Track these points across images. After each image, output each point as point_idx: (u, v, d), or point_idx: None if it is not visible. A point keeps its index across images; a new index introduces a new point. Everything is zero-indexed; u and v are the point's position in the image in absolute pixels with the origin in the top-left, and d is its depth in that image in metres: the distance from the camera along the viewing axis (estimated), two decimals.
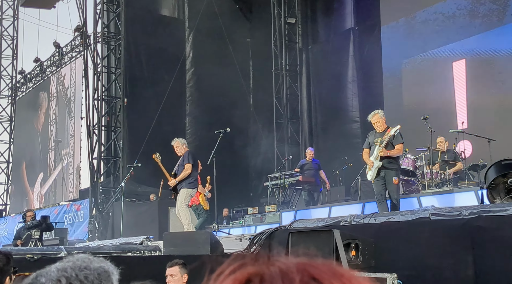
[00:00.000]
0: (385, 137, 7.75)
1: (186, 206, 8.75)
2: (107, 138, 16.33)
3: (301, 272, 0.55)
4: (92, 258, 1.30)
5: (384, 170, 7.70)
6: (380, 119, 7.96)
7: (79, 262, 1.26)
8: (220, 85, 16.95)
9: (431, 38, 13.15)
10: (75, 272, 1.21)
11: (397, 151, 7.76)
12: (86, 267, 1.24)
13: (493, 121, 11.18)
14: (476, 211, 5.34)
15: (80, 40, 18.10)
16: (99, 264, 1.28)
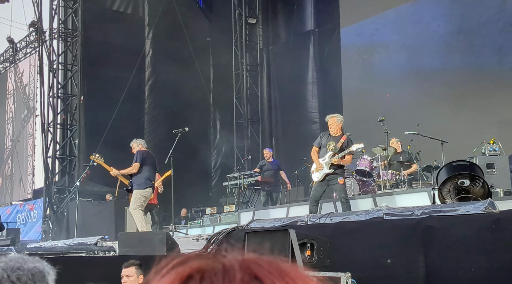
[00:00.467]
0: (339, 145, 7.86)
1: (138, 208, 8.62)
2: (63, 136, 16.00)
3: (243, 269, 0.54)
4: (27, 258, 1.27)
5: (331, 175, 7.86)
6: (336, 123, 8.06)
7: (12, 262, 1.23)
8: (179, 84, 16.84)
9: (388, 40, 13.39)
10: (7, 273, 1.18)
11: (348, 161, 7.99)
12: (19, 267, 1.21)
13: (446, 123, 11.46)
14: (428, 211, 5.47)
15: (35, 36, 17.68)
16: (34, 265, 1.25)
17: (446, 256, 5.03)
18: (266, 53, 18.27)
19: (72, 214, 13.20)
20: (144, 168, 8.76)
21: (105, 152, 14.69)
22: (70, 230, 13.20)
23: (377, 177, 9.91)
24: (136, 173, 8.76)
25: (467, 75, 11.74)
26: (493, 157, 8.74)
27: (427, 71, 12.54)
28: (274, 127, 17.65)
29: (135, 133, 17.05)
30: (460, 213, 5.19)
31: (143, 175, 8.78)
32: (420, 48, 12.69)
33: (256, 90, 17.73)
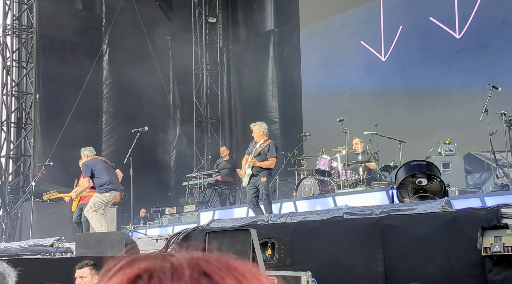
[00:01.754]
0: (258, 148, 8.26)
1: (93, 210, 8.45)
2: (17, 135, 15.57)
3: (192, 266, 0.54)
4: None
5: (254, 177, 8.22)
6: (257, 131, 8.41)
7: None
8: (138, 83, 16.63)
9: (347, 42, 13.56)
10: None
11: (269, 163, 8.25)
12: None
13: (404, 124, 11.69)
14: (387, 210, 5.56)
15: None
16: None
17: (405, 254, 5.12)
18: (226, 52, 18.25)
19: (26, 215, 12.86)
20: (96, 176, 8.56)
21: (62, 152, 14.41)
22: (24, 231, 12.86)
23: (336, 177, 10.02)
24: (94, 183, 8.61)
25: (423, 76, 12.00)
26: (449, 157, 8.97)
27: (385, 71, 12.77)
28: (234, 127, 17.64)
29: (92, 133, 16.83)
30: (418, 212, 5.30)
31: (100, 182, 8.60)
32: (378, 48, 12.89)
33: (216, 89, 17.69)
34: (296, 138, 12.31)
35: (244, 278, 0.54)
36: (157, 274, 0.53)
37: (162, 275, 0.53)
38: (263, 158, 8.22)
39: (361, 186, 9.40)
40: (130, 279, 0.53)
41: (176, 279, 0.52)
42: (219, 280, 0.53)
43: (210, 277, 0.53)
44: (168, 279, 0.52)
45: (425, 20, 12.00)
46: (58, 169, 12.86)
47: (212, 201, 13.23)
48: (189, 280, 0.52)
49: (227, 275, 0.54)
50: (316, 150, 10.71)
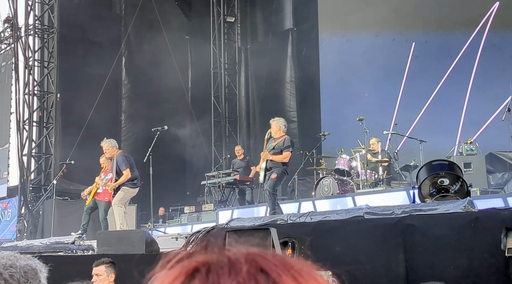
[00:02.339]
0: (274, 144, 8.18)
1: (121, 204, 8.55)
2: (39, 134, 15.75)
3: (249, 262, 0.54)
4: (19, 256, 1.24)
5: (268, 172, 8.16)
6: (274, 126, 8.35)
7: (4, 260, 1.19)
8: (157, 82, 16.72)
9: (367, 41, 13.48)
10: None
11: (282, 157, 8.13)
12: (11, 265, 1.18)
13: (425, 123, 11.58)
14: (408, 210, 5.51)
15: (10, 32, 17.37)
16: (26, 262, 1.22)
17: (426, 254, 5.07)
18: (244, 51, 18.26)
19: (48, 213, 13.02)
20: (131, 171, 8.69)
21: (82, 150, 14.54)
22: (46, 229, 13.01)
23: (355, 176, 9.97)
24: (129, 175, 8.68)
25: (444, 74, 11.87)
26: (470, 157, 8.86)
27: (406, 71, 12.65)
28: (252, 126, 17.64)
29: (112, 132, 16.93)
30: (440, 212, 5.24)
31: (134, 176, 8.72)
32: (398, 47, 12.79)
33: (234, 88, 17.70)
34: (314, 137, 12.28)
35: (300, 276, 0.55)
36: (215, 268, 0.54)
37: (220, 269, 0.53)
38: (277, 152, 8.12)
39: (381, 185, 9.34)
40: (188, 271, 0.54)
41: (234, 274, 0.53)
42: (276, 277, 0.53)
43: (267, 274, 0.53)
44: (225, 274, 0.53)
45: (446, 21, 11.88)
46: (79, 167, 12.96)
47: (231, 200, 13.24)
48: (246, 276, 0.53)
49: (284, 272, 0.54)
50: (335, 150, 10.67)
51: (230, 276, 0.53)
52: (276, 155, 8.11)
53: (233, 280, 0.52)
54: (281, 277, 0.53)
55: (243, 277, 0.53)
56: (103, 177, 9.92)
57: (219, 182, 12.90)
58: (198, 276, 0.53)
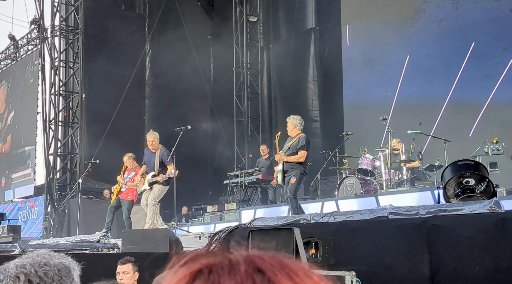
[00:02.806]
0: (289, 144, 8.00)
1: (156, 203, 8.67)
2: (64, 134, 15.99)
3: (247, 263, 0.59)
4: (53, 254, 1.27)
5: (286, 174, 7.95)
6: (289, 125, 8.15)
7: (39, 258, 1.22)
8: (180, 82, 16.82)
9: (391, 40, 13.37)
10: (34, 268, 1.17)
11: (296, 157, 7.89)
12: (46, 263, 1.20)
13: (449, 122, 11.45)
14: (433, 210, 5.45)
15: (36, 33, 17.65)
16: (60, 260, 1.24)
17: (451, 256, 5.01)
18: (267, 51, 18.25)
19: (73, 211, 13.20)
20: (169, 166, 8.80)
21: (106, 150, 14.71)
22: (71, 227, 13.20)
23: (379, 176, 9.91)
24: (165, 170, 8.77)
25: (470, 73, 11.73)
26: (496, 156, 8.74)
27: (430, 69, 12.53)
28: (274, 125, 17.62)
29: (136, 131, 17.11)
30: (465, 212, 5.18)
31: (170, 173, 8.83)
32: (422, 46, 12.67)
33: (256, 88, 17.71)
34: (337, 137, 12.22)
35: (296, 275, 0.59)
36: (216, 269, 0.59)
37: (220, 270, 0.59)
38: (292, 153, 7.90)
39: (405, 185, 9.26)
40: (192, 273, 0.59)
41: (233, 274, 0.58)
42: (272, 275, 0.58)
43: (263, 273, 0.58)
44: (225, 274, 0.58)
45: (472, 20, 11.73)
46: (103, 166, 13.11)
47: (253, 200, 13.27)
48: (244, 275, 0.58)
49: (280, 271, 0.59)
50: (358, 149, 10.61)
51: (229, 276, 0.58)
52: (291, 156, 7.88)
53: (231, 279, 0.57)
54: (276, 276, 0.58)
55: (241, 276, 0.57)
56: (125, 176, 10.03)
57: (242, 182, 12.93)
58: (201, 277, 0.58)
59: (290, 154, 7.91)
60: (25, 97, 19.02)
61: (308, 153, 8.09)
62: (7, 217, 13.93)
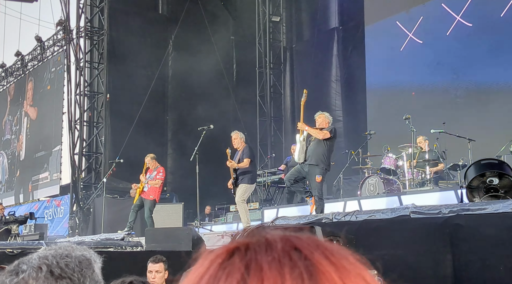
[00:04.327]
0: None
1: (244, 201, 8.77)
2: (89, 134, 16.21)
3: (284, 241, 0.60)
4: (75, 247, 1.31)
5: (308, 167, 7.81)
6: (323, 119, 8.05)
7: (61, 250, 1.26)
8: (203, 82, 16.92)
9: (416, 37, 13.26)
10: (56, 259, 1.21)
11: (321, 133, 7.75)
12: (67, 255, 1.24)
13: (473, 121, 11.31)
14: (456, 210, 5.41)
15: (62, 35, 17.93)
16: (81, 252, 1.28)
17: (475, 255, 4.97)
18: (290, 51, 18.25)
19: (98, 210, 13.37)
20: (252, 163, 8.89)
21: (130, 149, 14.88)
22: (96, 226, 13.38)
23: (401, 176, 9.84)
24: (246, 168, 8.87)
25: (494, 71, 11.57)
26: None
27: (453, 68, 12.39)
28: None
29: (159, 131, 17.27)
30: (489, 212, 5.13)
31: (254, 170, 8.91)
32: (446, 44, 12.54)
33: (279, 88, 17.72)
34: (360, 136, 12.18)
35: (332, 255, 0.60)
36: (253, 246, 0.60)
37: (257, 247, 0.59)
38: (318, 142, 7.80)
39: (428, 185, 9.18)
40: (229, 250, 0.60)
41: (270, 251, 0.59)
42: (308, 254, 0.59)
43: (300, 251, 0.59)
44: (262, 251, 0.59)
45: (496, 16, 11.57)
46: (128, 166, 13.26)
47: (276, 199, 13.29)
48: (281, 253, 0.58)
49: (316, 250, 0.59)
50: (381, 149, 10.55)
51: (267, 253, 0.58)
52: (312, 128, 7.77)
53: (268, 256, 0.58)
54: (313, 254, 0.59)
55: (278, 253, 0.58)
56: (148, 176, 10.16)
57: (265, 181, 12.96)
58: (238, 253, 0.59)
59: (316, 147, 7.76)
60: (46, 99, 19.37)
61: (333, 142, 7.90)
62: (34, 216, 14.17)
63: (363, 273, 0.62)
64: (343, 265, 0.59)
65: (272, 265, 0.57)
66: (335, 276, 0.58)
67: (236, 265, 0.58)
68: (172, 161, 17.69)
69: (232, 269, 0.58)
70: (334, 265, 0.59)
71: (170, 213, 12.25)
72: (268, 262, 0.57)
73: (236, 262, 0.58)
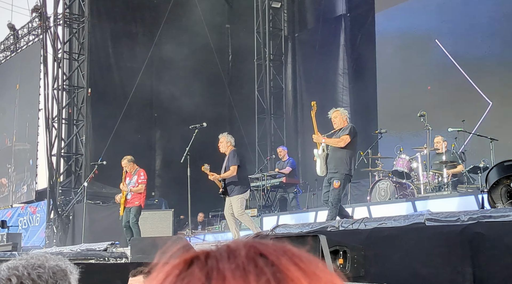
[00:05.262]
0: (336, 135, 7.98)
1: (244, 212, 8.81)
2: (68, 133, 16.19)
3: (248, 248, 0.61)
4: (49, 256, 1.30)
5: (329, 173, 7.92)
6: (339, 116, 8.13)
7: (33, 260, 1.26)
8: (195, 75, 16.92)
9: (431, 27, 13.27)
10: (27, 270, 1.21)
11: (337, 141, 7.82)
12: (40, 265, 1.24)
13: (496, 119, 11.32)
14: (476, 217, 5.41)
15: (38, 22, 17.92)
16: (55, 263, 1.28)
17: (498, 267, 4.97)
18: (292, 40, 18.25)
19: (78, 218, 13.37)
20: (241, 169, 8.89)
21: (114, 150, 14.86)
22: (76, 235, 13.37)
23: (416, 179, 9.85)
24: (235, 176, 8.88)
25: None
26: None
27: (474, 61, 12.39)
28: (300, 123, 17.61)
29: (146, 130, 17.27)
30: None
31: (243, 176, 8.91)
32: (466, 34, 12.54)
33: (280, 82, 17.73)
34: (370, 135, 12.17)
35: (301, 261, 0.61)
36: (214, 254, 0.61)
37: (219, 255, 0.60)
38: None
39: (445, 189, 9.20)
40: (187, 260, 0.61)
41: (233, 258, 0.59)
42: (275, 259, 0.59)
43: (266, 257, 0.60)
44: (225, 258, 0.60)
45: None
46: (111, 168, 13.26)
47: (276, 205, 13.30)
48: (245, 259, 0.59)
49: (283, 256, 0.60)
50: (393, 149, 10.56)
51: (229, 260, 0.59)
52: (330, 138, 7.88)
53: (232, 263, 0.59)
54: (280, 260, 0.59)
55: (242, 260, 0.59)
56: (128, 182, 10.19)
57: (264, 185, 12.97)
58: (197, 262, 0.60)
59: (333, 153, 7.83)
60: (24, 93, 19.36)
61: (354, 143, 7.92)
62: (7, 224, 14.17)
63: (335, 280, 0.62)
64: (313, 271, 0.60)
65: (236, 273, 0.57)
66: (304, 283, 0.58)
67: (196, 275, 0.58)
68: (161, 163, 17.69)
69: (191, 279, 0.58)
70: (303, 271, 0.59)
71: (159, 221, 12.25)
72: (231, 270, 0.58)
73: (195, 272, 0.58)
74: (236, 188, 8.83)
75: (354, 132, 7.91)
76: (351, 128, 7.91)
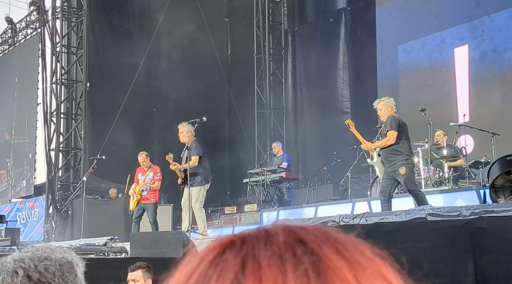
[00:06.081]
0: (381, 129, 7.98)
1: (201, 207, 8.80)
2: (67, 127, 16.16)
3: (287, 233, 0.57)
4: (54, 248, 1.30)
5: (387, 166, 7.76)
6: (383, 107, 8.09)
7: (39, 252, 1.25)
8: (194, 70, 16.88)
9: (432, 21, 13.25)
10: (33, 262, 1.21)
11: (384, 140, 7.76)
12: (46, 257, 1.24)
13: (498, 114, 11.32)
14: (478, 211, 5.43)
15: (36, 16, 17.87)
16: (62, 255, 1.28)
17: (500, 263, 4.98)
18: (292, 34, 18.23)
19: (77, 213, 13.37)
20: (201, 160, 8.88)
21: (113, 144, 14.87)
22: (75, 230, 13.37)
23: (417, 174, 9.84)
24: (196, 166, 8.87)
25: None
26: None
27: (475, 54, 12.39)
28: (300, 118, 17.62)
29: (145, 124, 17.24)
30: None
31: (205, 166, 8.91)
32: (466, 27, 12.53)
33: (280, 76, 17.71)
34: (370, 130, 12.14)
35: (344, 248, 0.56)
36: (250, 239, 0.57)
37: (255, 240, 0.56)
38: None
39: (447, 184, 9.20)
40: (223, 244, 0.57)
41: (270, 245, 0.55)
42: (315, 247, 0.55)
43: (305, 244, 0.55)
44: (261, 244, 0.56)
45: None
46: (111, 163, 13.26)
47: (276, 200, 13.31)
48: (283, 246, 0.55)
49: (326, 243, 0.56)
50: None
51: (266, 247, 0.55)
52: (379, 142, 7.86)
53: (268, 250, 0.55)
54: (321, 248, 0.55)
55: (279, 247, 0.55)
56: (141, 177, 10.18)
57: (263, 180, 12.96)
58: (232, 248, 0.57)
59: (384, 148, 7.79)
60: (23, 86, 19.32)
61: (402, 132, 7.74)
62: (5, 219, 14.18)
63: (383, 270, 0.58)
64: (358, 260, 0.56)
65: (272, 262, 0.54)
66: (348, 273, 0.54)
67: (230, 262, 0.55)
68: (160, 157, 17.65)
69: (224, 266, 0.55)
70: (346, 260, 0.55)
71: (158, 216, 12.22)
72: (267, 258, 0.54)
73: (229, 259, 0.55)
74: (197, 178, 8.85)
75: (396, 123, 7.73)
76: (391, 121, 7.75)
